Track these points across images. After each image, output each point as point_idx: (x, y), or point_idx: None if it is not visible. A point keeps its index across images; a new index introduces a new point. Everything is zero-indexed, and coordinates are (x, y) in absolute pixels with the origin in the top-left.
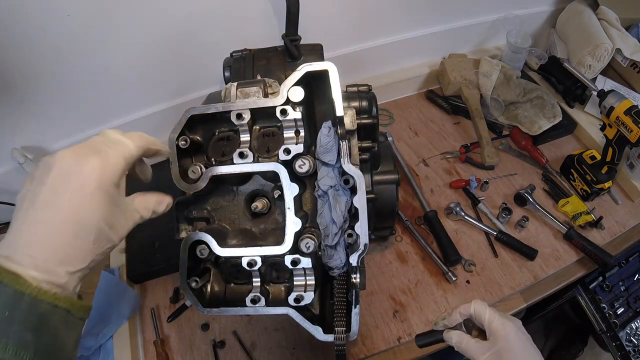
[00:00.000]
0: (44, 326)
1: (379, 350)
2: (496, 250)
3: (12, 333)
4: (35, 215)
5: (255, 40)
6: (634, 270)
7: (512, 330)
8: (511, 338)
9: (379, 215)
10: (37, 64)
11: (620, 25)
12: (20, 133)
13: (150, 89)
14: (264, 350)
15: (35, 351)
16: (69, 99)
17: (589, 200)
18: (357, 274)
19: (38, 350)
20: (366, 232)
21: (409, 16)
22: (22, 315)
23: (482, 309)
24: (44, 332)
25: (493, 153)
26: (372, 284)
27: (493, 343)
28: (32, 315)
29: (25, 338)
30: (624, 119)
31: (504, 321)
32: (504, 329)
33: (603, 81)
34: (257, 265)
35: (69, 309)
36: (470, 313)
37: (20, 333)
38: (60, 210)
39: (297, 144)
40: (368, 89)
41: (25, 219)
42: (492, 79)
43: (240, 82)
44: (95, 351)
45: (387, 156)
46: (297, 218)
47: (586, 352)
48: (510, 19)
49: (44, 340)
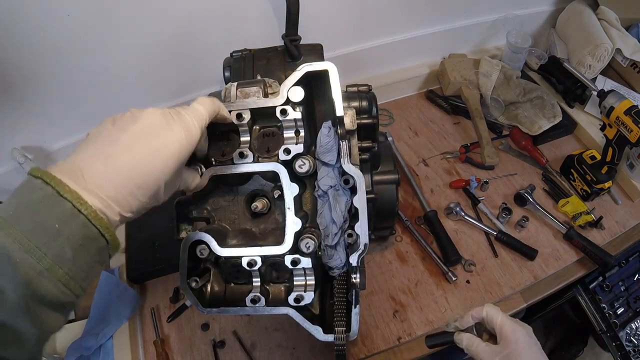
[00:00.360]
0: (84, 249)
1: (379, 350)
2: (496, 250)
3: (55, 246)
4: (110, 155)
5: (255, 40)
6: (634, 270)
7: (523, 336)
8: (521, 343)
9: (379, 215)
10: (37, 64)
11: (620, 25)
12: (20, 133)
13: (150, 89)
14: (264, 350)
15: (68, 270)
16: (69, 99)
17: (589, 200)
18: (357, 274)
19: (71, 269)
20: (366, 232)
21: (409, 16)
22: (71, 232)
23: (495, 313)
24: (83, 255)
25: (493, 153)
26: (372, 284)
27: (503, 347)
28: (80, 234)
29: (64, 254)
30: (624, 119)
31: (515, 326)
32: (514, 334)
33: (603, 81)
34: (257, 265)
35: (109, 242)
36: (482, 316)
37: (62, 248)
38: (135, 161)
39: (297, 144)
40: (368, 89)
41: (100, 153)
42: (492, 79)
43: (240, 82)
44: (95, 351)
45: (387, 156)
46: (297, 218)
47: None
48: (510, 19)
49: (79, 262)
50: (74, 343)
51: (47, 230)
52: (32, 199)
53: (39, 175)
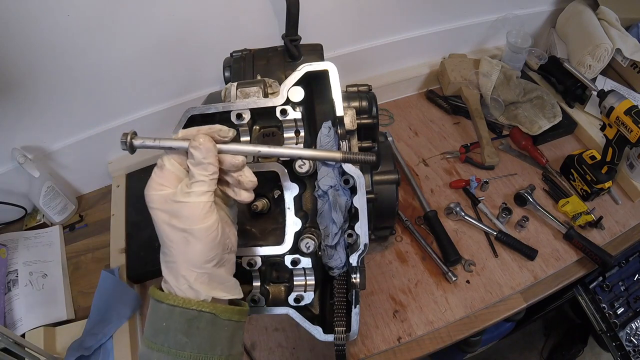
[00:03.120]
0: (192, 329)
1: (379, 350)
2: (496, 250)
3: (170, 338)
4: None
5: (255, 40)
6: (634, 270)
7: None
8: None
9: (379, 215)
10: (37, 64)
11: (620, 25)
12: (20, 133)
13: (151, 89)
14: (264, 350)
15: (191, 349)
16: (69, 99)
17: (589, 200)
18: (357, 274)
19: (193, 348)
20: (366, 232)
21: (409, 16)
22: (175, 323)
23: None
24: (195, 334)
25: (493, 153)
26: (372, 284)
27: None
28: (182, 321)
29: (180, 340)
30: (624, 119)
31: None
32: None
33: (603, 81)
34: (257, 265)
35: (213, 312)
36: None
37: (176, 337)
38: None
39: (297, 144)
40: (368, 89)
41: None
42: (492, 79)
43: (240, 82)
44: (95, 351)
45: (387, 156)
46: (297, 218)
47: (586, 352)
48: (510, 19)
49: (196, 340)
50: (74, 343)
51: (160, 331)
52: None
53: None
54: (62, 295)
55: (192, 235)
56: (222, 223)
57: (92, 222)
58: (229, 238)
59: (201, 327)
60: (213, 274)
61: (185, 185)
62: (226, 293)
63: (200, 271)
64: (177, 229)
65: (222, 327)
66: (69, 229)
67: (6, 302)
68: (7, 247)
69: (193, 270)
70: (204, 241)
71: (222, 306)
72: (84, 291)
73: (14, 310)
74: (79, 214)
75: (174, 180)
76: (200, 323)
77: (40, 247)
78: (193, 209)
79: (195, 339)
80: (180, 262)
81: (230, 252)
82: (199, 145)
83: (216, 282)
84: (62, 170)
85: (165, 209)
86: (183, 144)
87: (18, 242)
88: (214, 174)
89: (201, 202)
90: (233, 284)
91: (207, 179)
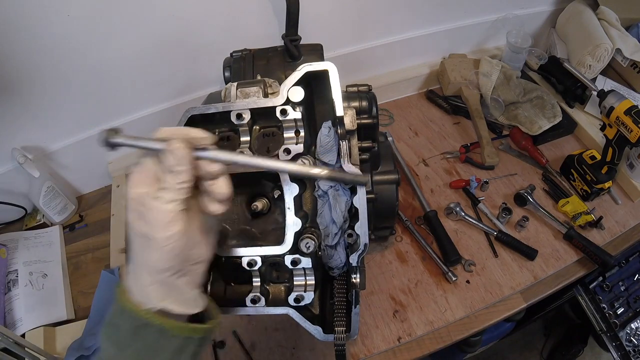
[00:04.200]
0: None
1: (379, 350)
2: (496, 250)
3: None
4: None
5: (255, 40)
6: (634, 270)
7: None
8: None
9: (379, 215)
10: (37, 64)
11: (620, 25)
12: (20, 133)
13: (151, 89)
14: (264, 350)
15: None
16: (69, 99)
17: (589, 200)
18: (357, 274)
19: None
20: (366, 232)
21: (409, 16)
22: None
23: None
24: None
25: (493, 153)
26: (372, 284)
27: None
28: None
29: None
30: (624, 119)
31: None
32: None
33: (603, 81)
34: (257, 265)
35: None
36: None
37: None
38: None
39: (297, 144)
40: (368, 89)
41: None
42: (492, 79)
43: (240, 82)
44: (95, 351)
45: (387, 156)
46: (297, 218)
47: (586, 352)
48: (510, 19)
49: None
50: (74, 343)
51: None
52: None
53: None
54: (62, 295)
55: (150, 242)
56: (191, 233)
57: (92, 222)
58: (197, 249)
59: (147, 336)
60: (169, 284)
61: (155, 190)
62: (179, 307)
63: (155, 278)
64: (139, 231)
65: (169, 339)
66: (69, 229)
67: (6, 302)
68: (7, 247)
69: (148, 275)
70: (160, 251)
71: (171, 322)
72: (84, 291)
73: (14, 310)
74: (79, 214)
75: (151, 180)
76: (147, 332)
77: (40, 247)
78: (156, 216)
79: (139, 345)
80: (138, 263)
81: (197, 263)
82: (172, 150)
83: (172, 292)
84: (62, 170)
85: (135, 209)
86: (159, 146)
87: (18, 242)
88: (185, 182)
89: (166, 210)
90: (193, 297)
91: (176, 187)
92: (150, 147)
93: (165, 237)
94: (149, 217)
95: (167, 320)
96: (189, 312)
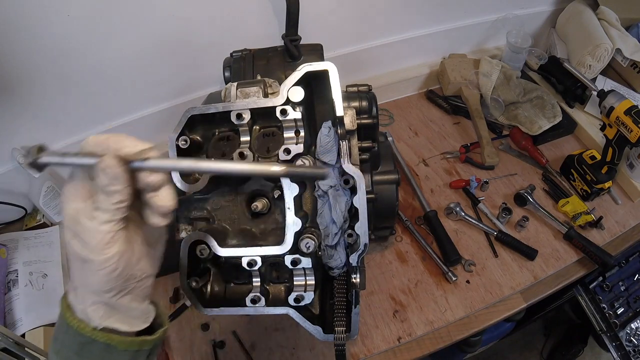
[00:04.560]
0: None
1: (379, 350)
2: (496, 250)
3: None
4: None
5: (255, 40)
6: (634, 270)
7: None
8: None
9: (379, 215)
10: (37, 64)
11: (620, 25)
12: (20, 133)
13: (150, 89)
14: (264, 351)
15: None
16: (69, 99)
17: (589, 200)
18: (357, 274)
19: None
20: (366, 232)
21: (409, 16)
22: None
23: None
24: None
25: (493, 153)
26: (372, 284)
27: None
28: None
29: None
30: (624, 119)
31: None
32: None
33: (603, 81)
34: (257, 265)
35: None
36: None
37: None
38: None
39: (297, 144)
40: (368, 89)
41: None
42: (492, 79)
43: (240, 82)
44: None
45: (387, 156)
46: (297, 218)
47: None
48: (510, 19)
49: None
50: None
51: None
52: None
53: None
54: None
55: (88, 264)
56: (133, 250)
57: None
58: (141, 264)
59: (94, 352)
60: (112, 304)
61: (90, 207)
62: (123, 325)
63: (97, 299)
64: (76, 251)
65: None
66: None
67: (6, 302)
68: (7, 247)
69: (89, 295)
70: (98, 274)
71: (118, 337)
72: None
73: (14, 310)
74: None
75: (85, 194)
76: (93, 348)
77: (40, 247)
78: (92, 237)
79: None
80: (78, 283)
81: (142, 279)
82: (104, 168)
83: (115, 311)
84: (62, 170)
85: (71, 227)
86: (91, 161)
87: (18, 242)
88: (120, 202)
89: (102, 231)
90: (139, 313)
91: (111, 208)
92: (81, 164)
93: (102, 260)
94: (84, 238)
95: (113, 337)
96: (135, 329)
